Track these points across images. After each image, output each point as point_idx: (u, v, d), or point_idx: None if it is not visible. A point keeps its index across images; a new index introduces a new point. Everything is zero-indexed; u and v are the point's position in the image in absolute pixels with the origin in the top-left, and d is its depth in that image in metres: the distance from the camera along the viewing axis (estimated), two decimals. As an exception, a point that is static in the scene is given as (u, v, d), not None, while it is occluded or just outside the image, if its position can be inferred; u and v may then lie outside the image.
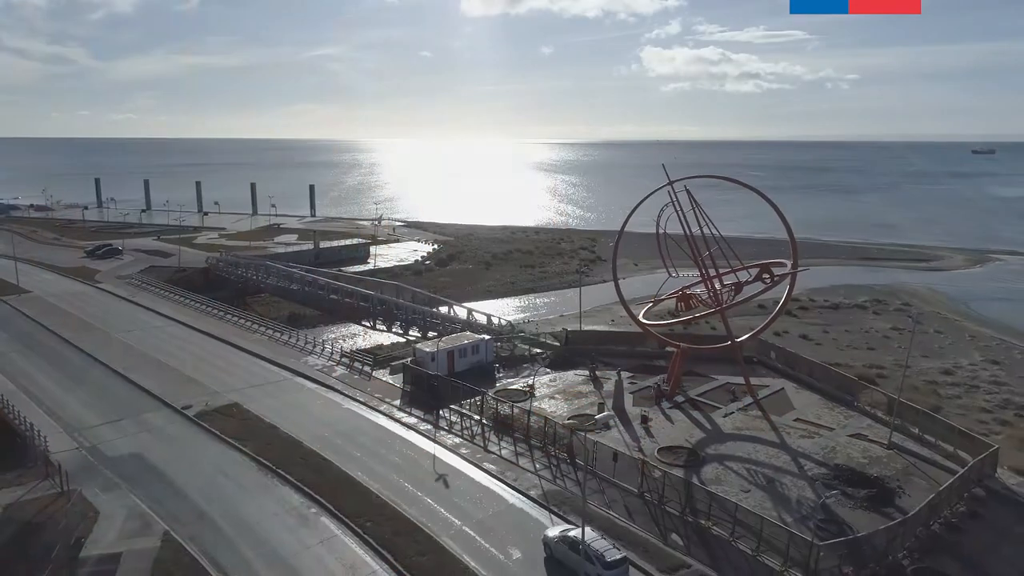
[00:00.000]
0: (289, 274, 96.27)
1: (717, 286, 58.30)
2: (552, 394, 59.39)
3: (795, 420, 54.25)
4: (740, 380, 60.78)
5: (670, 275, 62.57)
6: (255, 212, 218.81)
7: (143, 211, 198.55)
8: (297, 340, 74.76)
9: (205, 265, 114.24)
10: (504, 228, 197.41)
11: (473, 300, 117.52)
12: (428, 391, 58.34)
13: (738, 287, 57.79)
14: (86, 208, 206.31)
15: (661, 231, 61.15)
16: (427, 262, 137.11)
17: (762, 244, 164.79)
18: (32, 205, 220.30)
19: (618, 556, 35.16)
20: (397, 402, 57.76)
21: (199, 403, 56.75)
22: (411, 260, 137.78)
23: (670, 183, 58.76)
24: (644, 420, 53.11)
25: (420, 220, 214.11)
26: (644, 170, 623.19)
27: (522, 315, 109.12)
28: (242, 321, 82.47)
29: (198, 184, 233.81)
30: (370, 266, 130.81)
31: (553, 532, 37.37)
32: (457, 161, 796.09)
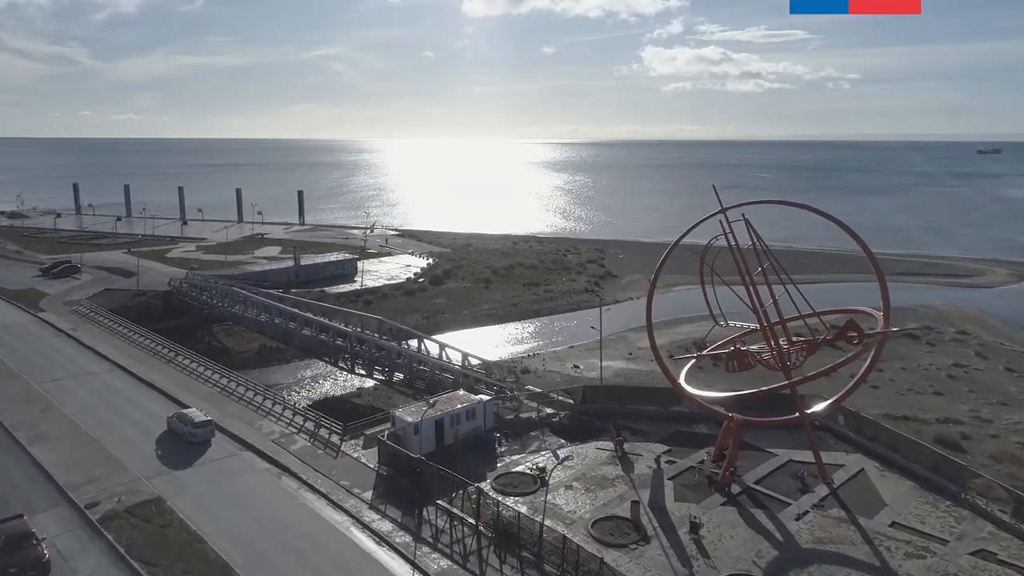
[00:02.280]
0: (257, 302, 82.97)
1: (784, 343, 45.08)
2: (569, 480, 46.17)
3: (891, 525, 41.08)
4: (806, 456, 47.93)
5: (718, 324, 49.57)
6: (240, 219, 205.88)
7: (118, 219, 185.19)
8: (255, 394, 61.53)
9: (168, 288, 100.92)
10: (505, 237, 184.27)
11: (471, 326, 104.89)
12: (409, 477, 45.21)
13: (811, 346, 44.54)
14: (58, 216, 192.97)
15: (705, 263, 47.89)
16: (420, 279, 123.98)
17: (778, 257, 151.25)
18: (1, 212, 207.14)
19: (203, 419, 51.93)
20: (368, 494, 44.57)
21: (111, 497, 43.57)
22: (403, 277, 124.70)
23: (723, 210, 45.54)
24: (694, 528, 39.95)
25: (415, 228, 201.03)
26: (644, 170, 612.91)
27: (527, 346, 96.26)
28: (193, 366, 69.27)
29: (180, 190, 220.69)
30: (356, 285, 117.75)
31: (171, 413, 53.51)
32: (457, 161, 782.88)
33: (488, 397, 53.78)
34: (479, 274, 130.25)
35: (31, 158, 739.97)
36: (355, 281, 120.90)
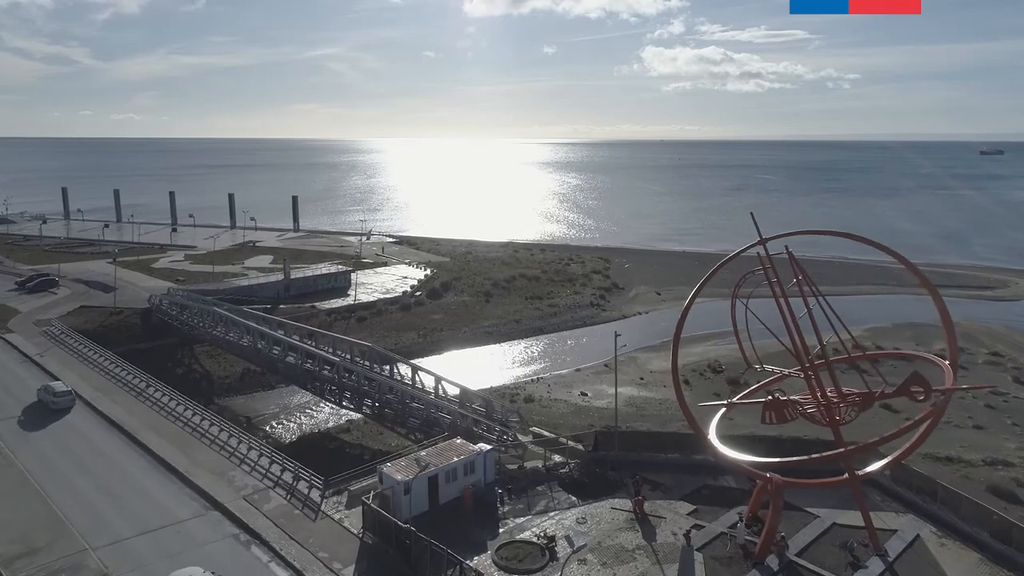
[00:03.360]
0: (240, 324, 76.67)
1: (832, 394, 38.94)
2: (583, 552, 40.01)
3: (965, 616, 35.02)
4: (852, 518, 41.89)
5: (752, 367, 43.41)
6: (233, 225, 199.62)
7: (105, 226, 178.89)
8: (230, 436, 55.24)
9: (147, 305, 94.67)
10: (505, 245, 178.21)
11: (471, 345, 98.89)
12: (397, 549, 39.05)
13: (865, 400, 38.37)
14: (44, 222, 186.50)
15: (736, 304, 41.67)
16: (417, 293, 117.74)
17: (776, 264, 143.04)
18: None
19: (64, 389, 61.89)
20: (350, 570, 38.38)
21: None
22: (399, 291, 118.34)
23: (762, 241, 39.26)
24: (732, 621, 33.81)
25: (413, 235, 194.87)
26: (646, 171, 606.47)
27: (530, 368, 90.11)
28: (165, 399, 62.95)
29: (171, 195, 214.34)
30: (350, 300, 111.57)
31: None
32: (457, 162, 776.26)
33: (489, 447, 47.53)
34: (479, 287, 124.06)
35: (26, 159, 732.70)
36: (349, 295, 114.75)
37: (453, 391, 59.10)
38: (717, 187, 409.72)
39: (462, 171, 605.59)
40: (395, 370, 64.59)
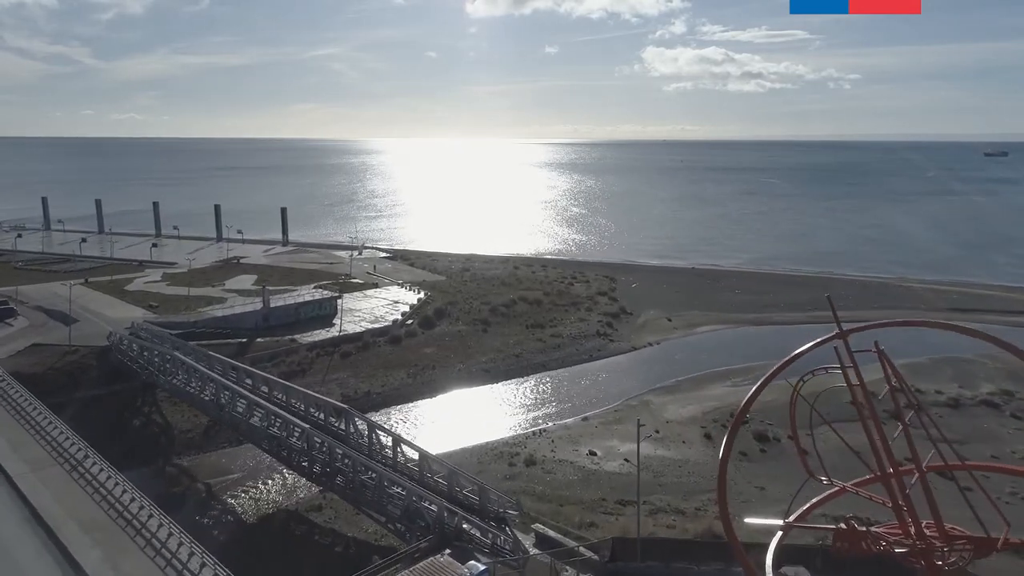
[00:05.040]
0: (199, 372, 67.37)
1: (929, 531, 29.58)
2: None
3: None
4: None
5: (816, 479, 34.01)
6: (219, 238, 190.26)
7: (83, 240, 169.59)
8: (169, 534, 45.77)
9: (107, 342, 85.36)
10: (505, 260, 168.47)
11: (465, 384, 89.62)
12: None
13: (982, 547, 29.01)
14: (19, 236, 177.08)
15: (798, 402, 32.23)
16: (409, 322, 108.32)
17: (792, 283, 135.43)
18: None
19: None
20: None
21: None
22: (389, 319, 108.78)
23: (842, 334, 29.65)
24: None
25: (407, 248, 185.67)
26: (648, 174, 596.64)
27: (531, 415, 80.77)
28: (103, 476, 53.40)
29: (155, 205, 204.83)
30: (335, 330, 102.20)
31: None
32: (457, 164, 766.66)
33: (482, 567, 38.22)
34: (476, 312, 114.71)
35: (23, 161, 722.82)
36: (334, 324, 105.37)
37: (440, 461, 50.11)
38: (723, 192, 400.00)
39: (462, 173, 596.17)
40: (374, 437, 55.75)
